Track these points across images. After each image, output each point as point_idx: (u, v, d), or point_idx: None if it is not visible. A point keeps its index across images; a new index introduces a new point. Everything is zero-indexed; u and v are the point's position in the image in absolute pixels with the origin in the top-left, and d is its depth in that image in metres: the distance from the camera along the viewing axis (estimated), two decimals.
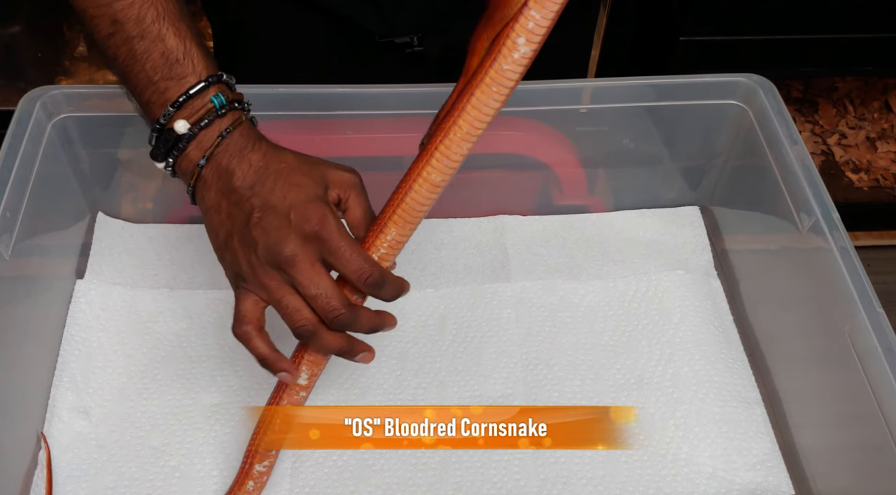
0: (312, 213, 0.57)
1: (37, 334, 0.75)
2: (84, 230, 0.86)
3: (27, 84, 0.82)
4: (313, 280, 0.58)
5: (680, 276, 0.83)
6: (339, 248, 0.58)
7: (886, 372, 0.62)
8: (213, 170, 0.60)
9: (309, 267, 0.57)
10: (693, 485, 0.70)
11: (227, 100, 0.61)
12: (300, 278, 0.58)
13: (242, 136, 0.60)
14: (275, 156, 0.60)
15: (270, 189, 0.59)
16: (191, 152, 0.61)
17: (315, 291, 0.58)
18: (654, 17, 1.50)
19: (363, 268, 0.59)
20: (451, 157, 0.59)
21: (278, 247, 0.57)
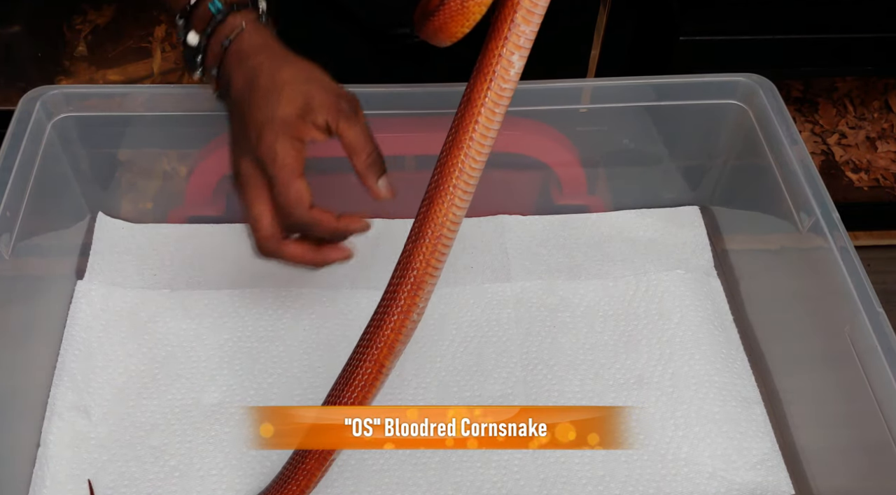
0: (265, 137, 0.58)
1: (36, 334, 0.75)
2: (84, 230, 0.86)
3: (27, 84, 0.82)
4: (253, 203, 0.59)
5: (680, 276, 0.83)
6: (275, 177, 0.58)
7: (886, 372, 0.62)
8: (224, 78, 0.61)
9: (253, 189, 0.59)
10: (693, 485, 0.70)
11: (225, 4, 0.61)
12: (244, 198, 0.59)
13: (245, 43, 0.61)
14: (268, 68, 0.60)
15: (250, 104, 0.59)
16: (208, 61, 0.62)
17: (251, 213, 0.59)
18: (654, 17, 1.50)
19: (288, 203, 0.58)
20: (465, 190, 0.59)
21: (238, 164, 0.59)
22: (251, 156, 0.58)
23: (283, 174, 0.57)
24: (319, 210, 0.59)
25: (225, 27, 0.61)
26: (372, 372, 0.58)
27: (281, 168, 0.58)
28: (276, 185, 0.58)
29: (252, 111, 0.59)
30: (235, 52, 0.61)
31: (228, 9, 0.61)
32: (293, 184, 0.58)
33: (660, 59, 1.48)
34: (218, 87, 0.63)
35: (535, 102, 0.81)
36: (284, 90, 0.59)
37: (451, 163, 0.58)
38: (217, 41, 0.61)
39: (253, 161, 0.58)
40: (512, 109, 0.81)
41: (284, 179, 0.58)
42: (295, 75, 0.60)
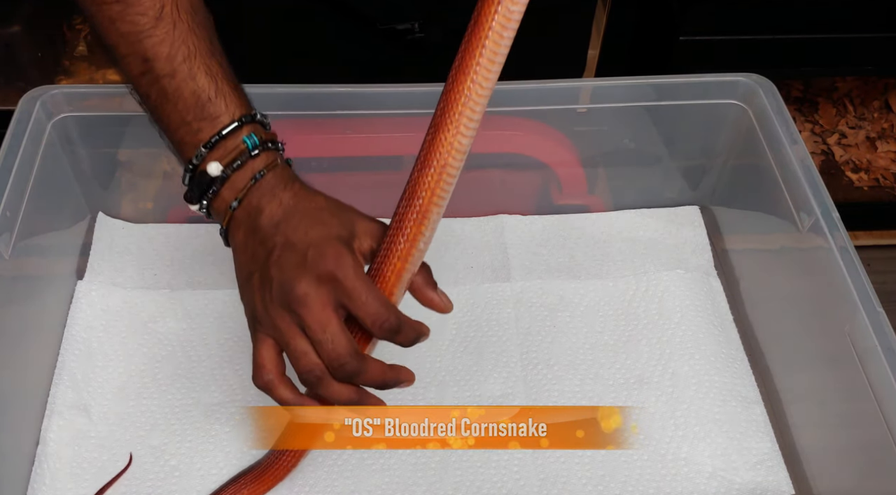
0: (330, 252, 0.55)
1: (36, 333, 0.75)
2: (84, 230, 0.86)
3: (27, 84, 0.82)
4: (322, 323, 0.55)
5: (680, 276, 0.83)
6: (355, 290, 0.55)
7: (886, 372, 0.62)
8: (244, 210, 0.59)
9: (320, 309, 0.55)
10: (693, 485, 0.70)
11: (261, 140, 0.59)
12: (309, 320, 0.55)
13: (276, 177, 0.59)
14: (306, 195, 0.59)
15: (294, 227, 0.57)
16: (224, 193, 0.59)
17: (321, 336, 0.55)
18: (654, 16, 1.50)
19: (379, 312, 0.56)
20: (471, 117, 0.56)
21: (291, 285, 0.55)
22: (310, 274, 0.55)
23: (362, 284, 0.55)
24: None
25: (257, 162, 0.59)
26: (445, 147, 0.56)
27: (359, 278, 0.55)
28: (358, 296, 0.55)
29: (300, 233, 0.56)
30: (266, 185, 0.59)
31: (263, 146, 0.60)
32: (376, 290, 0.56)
33: (660, 59, 1.48)
34: (229, 220, 0.60)
35: (535, 102, 0.81)
36: (332, 213, 0.58)
37: (457, 89, 0.55)
38: (245, 175, 0.59)
39: (315, 279, 0.55)
40: (512, 109, 0.82)
41: (367, 288, 0.55)
42: (334, 203, 0.59)
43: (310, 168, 0.85)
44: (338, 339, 0.55)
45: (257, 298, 0.57)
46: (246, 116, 0.60)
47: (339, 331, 0.55)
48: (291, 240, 0.56)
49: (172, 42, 0.59)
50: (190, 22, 0.60)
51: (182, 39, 0.60)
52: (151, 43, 0.59)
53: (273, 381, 0.57)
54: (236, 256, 0.60)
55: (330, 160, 0.85)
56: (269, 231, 0.57)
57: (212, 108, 0.59)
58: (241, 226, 0.59)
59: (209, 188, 0.59)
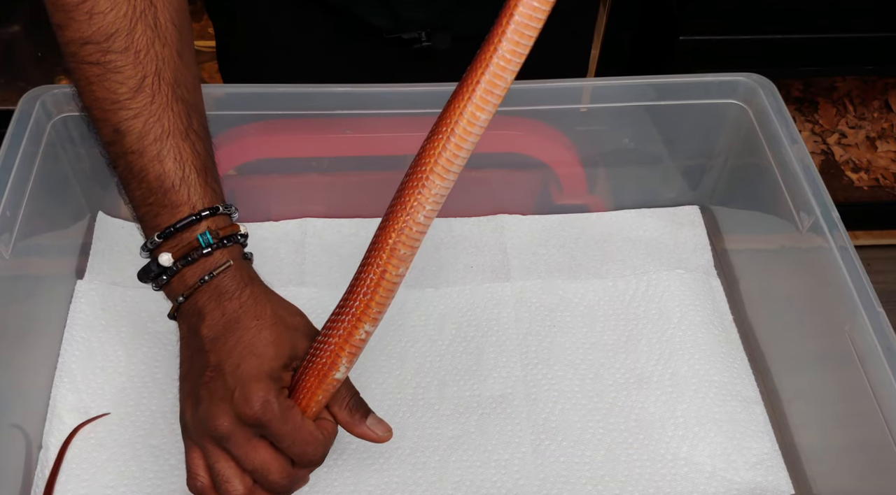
0: (255, 397, 0.53)
1: (36, 334, 0.75)
2: (84, 230, 0.86)
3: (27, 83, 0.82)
4: (249, 455, 0.54)
5: (680, 276, 0.83)
6: (281, 435, 0.54)
7: (886, 372, 0.62)
8: (190, 306, 0.57)
9: (245, 442, 0.54)
10: (693, 485, 0.70)
11: (216, 238, 0.57)
12: (235, 452, 0.54)
13: (226, 279, 0.56)
14: (251, 309, 0.56)
15: (229, 350, 0.55)
16: (174, 284, 0.57)
17: (251, 466, 0.54)
18: (654, 16, 1.50)
19: (305, 452, 0.55)
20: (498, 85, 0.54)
21: (215, 419, 0.53)
22: (233, 413, 0.53)
23: (289, 429, 0.54)
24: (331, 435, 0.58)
25: (209, 261, 0.56)
26: (375, 278, 0.53)
27: (285, 422, 0.54)
28: (284, 439, 0.54)
29: (232, 362, 0.54)
30: (214, 287, 0.56)
31: (218, 243, 0.57)
32: (304, 429, 0.55)
33: (660, 59, 1.48)
34: (175, 310, 0.58)
35: (535, 102, 0.81)
36: (270, 343, 0.55)
37: (484, 58, 0.53)
38: (195, 273, 0.56)
39: (235, 420, 0.53)
40: (512, 109, 0.82)
41: (293, 430, 0.54)
42: (280, 319, 0.57)
43: (310, 168, 0.85)
44: (268, 467, 0.54)
45: (187, 406, 0.56)
46: (208, 210, 0.57)
47: (266, 458, 0.54)
48: (222, 368, 0.54)
49: (147, 118, 0.57)
50: (170, 96, 0.58)
51: (157, 116, 0.57)
52: (125, 115, 0.57)
53: (205, 487, 0.56)
54: (180, 346, 0.58)
55: (330, 160, 0.85)
56: (206, 343, 0.55)
57: (174, 196, 0.57)
58: (185, 321, 0.57)
59: (159, 276, 0.58)
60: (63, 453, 0.69)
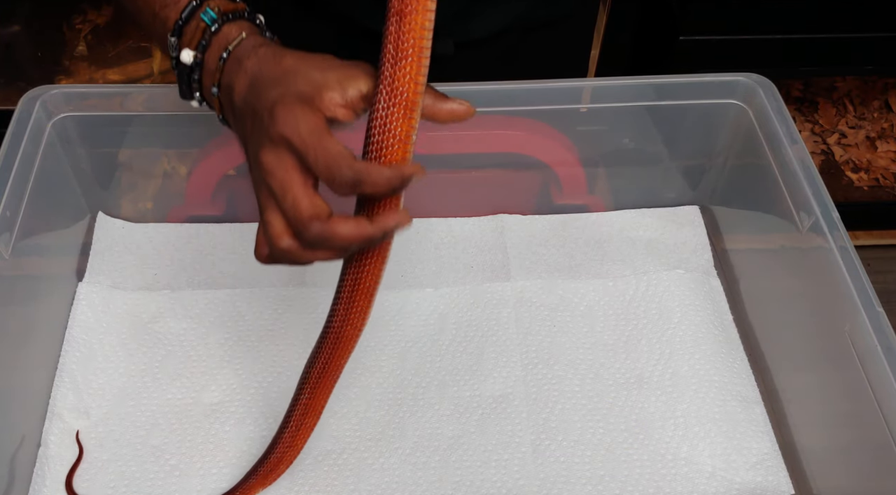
0: (280, 112, 0.51)
1: (36, 333, 0.75)
2: (84, 230, 0.86)
3: (27, 83, 0.82)
4: (283, 187, 0.51)
5: (680, 275, 0.83)
6: (304, 147, 0.51)
7: (886, 371, 0.62)
8: (224, 93, 0.57)
9: (283, 173, 0.51)
10: (693, 485, 0.70)
11: (219, 13, 0.57)
12: (274, 187, 0.52)
13: (242, 48, 0.56)
14: (271, 59, 0.55)
15: (258, 96, 0.53)
16: (205, 81, 0.58)
17: (283, 202, 0.51)
18: (654, 16, 1.50)
19: (329, 166, 0.50)
20: None
21: (256, 155, 0.52)
22: (268, 139, 0.52)
23: (314, 139, 0.51)
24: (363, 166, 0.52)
25: (220, 38, 0.57)
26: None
27: (310, 132, 0.51)
28: (308, 152, 0.51)
29: (261, 98, 0.53)
30: (234, 60, 0.56)
31: (223, 18, 0.57)
32: (330, 145, 0.51)
33: (660, 59, 1.48)
34: (220, 107, 0.58)
35: (535, 102, 0.81)
36: (297, 71, 0.53)
37: None
38: (214, 55, 0.57)
39: (271, 144, 0.52)
40: (512, 109, 0.82)
41: (316, 143, 0.51)
42: (304, 59, 0.54)
43: None
44: (298, 203, 0.51)
45: (251, 177, 0.55)
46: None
47: (300, 194, 0.51)
48: (255, 109, 0.53)
49: None
50: None
51: None
52: None
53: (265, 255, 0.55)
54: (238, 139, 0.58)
55: None
56: (241, 107, 0.55)
57: None
58: (228, 110, 0.57)
59: (191, 78, 0.58)
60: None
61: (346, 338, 0.61)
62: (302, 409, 0.66)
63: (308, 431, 0.67)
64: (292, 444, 0.67)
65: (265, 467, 0.67)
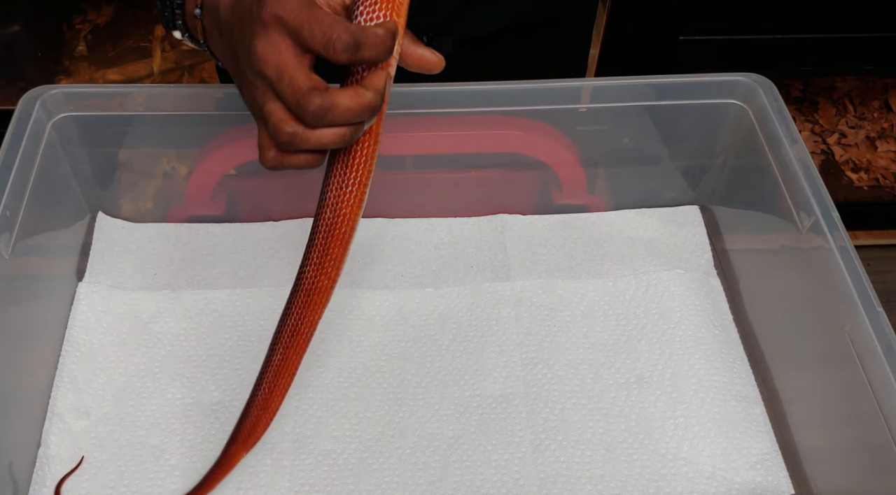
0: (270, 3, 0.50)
1: (36, 334, 0.75)
2: (84, 230, 0.86)
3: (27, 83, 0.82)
4: (279, 69, 0.50)
5: (679, 275, 0.83)
6: (299, 21, 0.50)
7: (886, 371, 0.62)
8: (208, 14, 0.56)
9: (276, 56, 0.50)
10: (693, 485, 0.70)
11: None
12: (269, 73, 0.50)
13: None
14: None
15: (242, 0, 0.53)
16: (187, 4, 0.58)
17: (280, 84, 0.50)
18: (654, 16, 1.50)
19: (327, 32, 0.49)
20: None
21: (248, 47, 0.51)
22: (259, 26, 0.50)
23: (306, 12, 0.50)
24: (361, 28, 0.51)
25: None
26: None
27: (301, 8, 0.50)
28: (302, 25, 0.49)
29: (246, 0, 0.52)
30: None
31: None
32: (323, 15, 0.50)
33: (660, 59, 1.48)
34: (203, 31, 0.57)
35: (535, 102, 0.81)
36: None
37: None
38: None
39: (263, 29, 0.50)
40: (512, 109, 0.82)
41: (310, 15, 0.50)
42: None
43: None
44: (295, 80, 0.50)
45: (241, 87, 0.54)
46: None
47: (296, 72, 0.50)
48: (241, 11, 0.52)
49: None
50: None
51: None
52: None
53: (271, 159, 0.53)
54: (223, 64, 0.57)
55: None
56: (227, 18, 0.54)
57: None
58: (212, 32, 0.56)
59: (173, 4, 0.58)
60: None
61: (320, 290, 0.58)
62: (274, 370, 0.63)
63: (282, 392, 0.65)
64: (266, 406, 0.65)
65: (243, 432, 0.66)
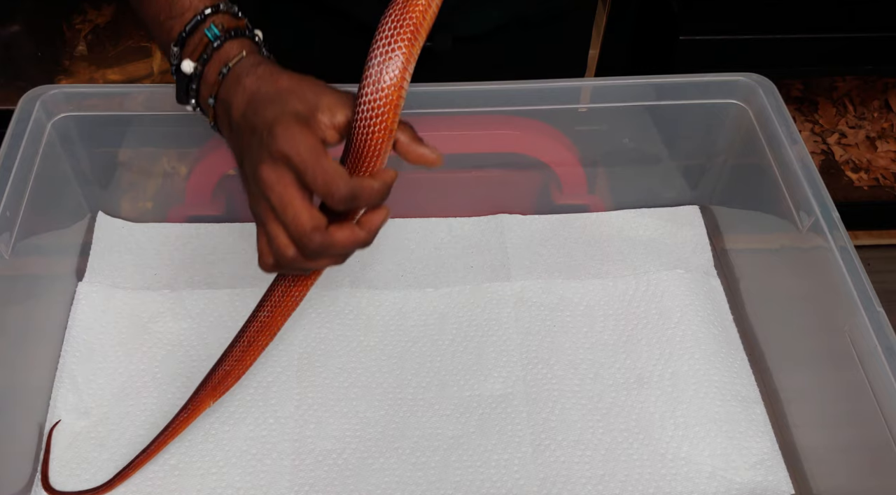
0: (279, 130, 0.54)
1: (36, 333, 0.75)
2: (84, 229, 0.86)
3: (27, 83, 0.82)
4: (284, 203, 0.54)
5: (679, 275, 0.83)
6: (302, 164, 0.53)
7: (886, 371, 0.62)
8: (221, 105, 0.60)
9: (282, 189, 0.54)
10: (693, 484, 0.70)
11: (223, 30, 0.60)
12: (274, 202, 0.55)
13: (242, 66, 0.59)
14: (269, 79, 0.58)
15: (256, 113, 0.56)
16: (202, 91, 0.61)
17: (284, 216, 0.54)
18: (654, 16, 1.50)
19: (328, 183, 0.54)
20: None
21: (255, 171, 0.55)
22: (267, 155, 0.54)
23: (312, 157, 0.53)
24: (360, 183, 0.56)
25: (222, 53, 0.60)
26: None
27: (308, 151, 0.54)
28: (307, 169, 0.53)
29: (260, 117, 0.56)
30: (234, 76, 0.59)
31: (226, 35, 0.61)
32: (327, 164, 0.54)
33: (660, 59, 1.48)
34: (214, 117, 0.61)
35: (535, 102, 0.81)
36: (292, 92, 0.57)
37: None
38: (214, 69, 0.60)
39: (271, 160, 0.54)
40: (512, 109, 0.82)
41: (315, 162, 0.53)
42: (299, 81, 0.58)
43: None
44: (299, 216, 0.54)
45: (245, 190, 0.58)
46: (211, 8, 0.61)
47: (301, 208, 0.54)
48: (253, 125, 0.56)
49: None
50: None
51: None
52: None
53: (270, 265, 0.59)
54: (230, 147, 0.61)
55: None
56: (239, 123, 0.58)
57: (178, 5, 0.62)
58: (223, 121, 0.60)
59: (189, 86, 0.61)
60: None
61: None
62: (258, 326, 0.66)
63: (259, 349, 0.67)
64: (241, 359, 0.67)
65: (213, 379, 0.68)
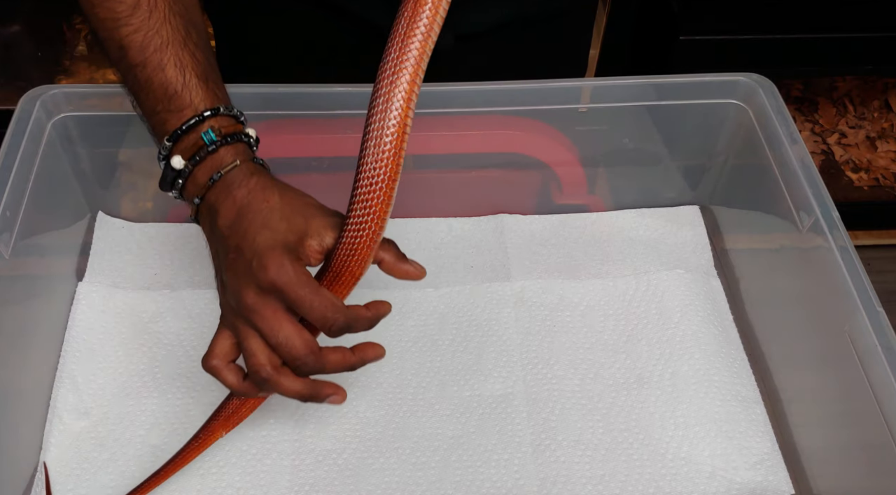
0: (271, 264, 0.55)
1: (36, 333, 0.75)
2: (84, 229, 0.86)
3: (27, 83, 0.82)
4: (274, 328, 0.56)
5: (680, 275, 0.83)
6: (298, 299, 0.56)
7: (886, 371, 0.62)
8: (205, 206, 0.60)
9: (270, 315, 0.56)
10: (693, 484, 0.70)
11: (219, 136, 0.60)
12: (262, 327, 0.56)
13: (234, 174, 0.59)
14: (259, 194, 0.58)
15: (244, 231, 0.57)
16: (189, 187, 0.61)
17: (275, 340, 0.56)
18: (654, 16, 1.50)
19: (326, 316, 0.56)
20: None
21: (240, 294, 0.56)
22: (255, 285, 0.56)
23: (307, 291, 0.55)
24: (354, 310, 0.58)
25: (216, 158, 0.60)
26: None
27: (302, 286, 0.56)
28: (303, 303, 0.55)
29: (248, 240, 0.57)
30: (224, 185, 0.59)
31: (222, 140, 0.60)
32: (324, 297, 0.56)
33: (660, 59, 1.48)
34: (195, 212, 0.61)
35: (535, 102, 0.81)
36: (284, 216, 0.57)
37: None
38: (205, 172, 0.60)
39: (258, 288, 0.56)
40: (512, 109, 0.82)
41: (312, 296, 0.55)
42: (291, 200, 0.58)
43: (310, 168, 0.85)
44: (292, 341, 0.56)
45: (220, 295, 0.60)
46: (211, 110, 0.60)
47: (292, 333, 0.56)
48: (240, 246, 0.57)
49: (147, 31, 0.60)
50: (166, 11, 0.61)
51: (156, 29, 0.61)
52: (126, 31, 0.61)
53: (218, 366, 0.60)
54: (209, 248, 0.61)
55: (330, 160, 0.85)
56: (224, 232, 0.58)
57: (178, 101, 0.60)
58: (205, 221, 0.61)
59: (175, 180, 0.61)
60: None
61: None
62: None
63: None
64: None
65: (226, 410, 0.66)
